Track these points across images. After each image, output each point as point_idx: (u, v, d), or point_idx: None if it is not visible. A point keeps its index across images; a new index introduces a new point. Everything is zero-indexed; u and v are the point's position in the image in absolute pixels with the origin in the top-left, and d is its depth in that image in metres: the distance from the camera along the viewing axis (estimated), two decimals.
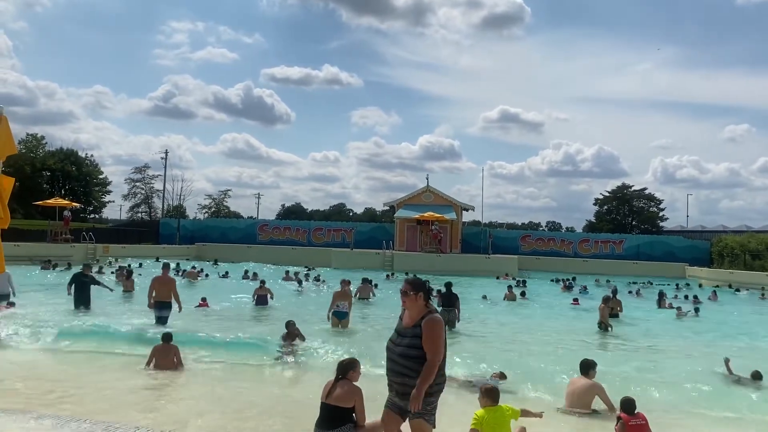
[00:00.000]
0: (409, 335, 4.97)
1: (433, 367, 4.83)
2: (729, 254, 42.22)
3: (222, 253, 43.81)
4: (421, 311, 5.01)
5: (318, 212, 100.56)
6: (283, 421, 7.30)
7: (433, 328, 4.91)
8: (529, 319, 18.92)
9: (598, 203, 71.82)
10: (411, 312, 5.08)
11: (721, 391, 9.94)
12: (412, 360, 4.89)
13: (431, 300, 5.23)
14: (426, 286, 5.14)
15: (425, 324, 4.92)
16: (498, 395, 6.22)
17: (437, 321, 4.95)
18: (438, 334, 4.91)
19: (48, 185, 63.41)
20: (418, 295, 5.03)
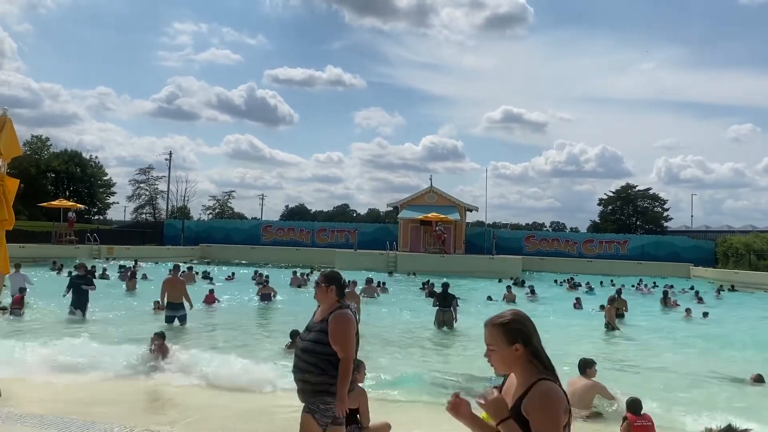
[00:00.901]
0: (315, 330, 4.69)
1: (347, 365, 4.55)
2: (734, 254, 42.08)
3: (226, 254, 43.94)
4: (331, 305, 4.70)
5: (321, 213, 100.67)
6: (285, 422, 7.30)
7: (340, 323, 4.60)
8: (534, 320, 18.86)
9: (602, 203, 71.71)
10: (322, 306, 4.80)
11: (724, 393, 9.92)
12: (314, 355, 4.59)
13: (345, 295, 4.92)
14: (340, 279, 4.84)
15: (332, 319, 4.62)
16: None
17: (346, 316, 4.64)
18: (346, 329, 4.60)
19: (52, 187, 63.63)
20: (330, 288, 4.72)
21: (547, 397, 2.56)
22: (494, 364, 2.75)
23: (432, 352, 13.16)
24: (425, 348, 13.50)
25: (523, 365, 2.68)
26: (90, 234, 38.88)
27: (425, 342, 14.21)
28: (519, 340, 2.68)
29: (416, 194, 47.25)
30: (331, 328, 4.57)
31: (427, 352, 12.97)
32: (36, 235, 37.36)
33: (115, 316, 15.57)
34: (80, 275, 15.50)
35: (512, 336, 2.68)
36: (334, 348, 4.55)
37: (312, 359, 4.59)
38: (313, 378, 4.59)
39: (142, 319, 15.28)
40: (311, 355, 4.60)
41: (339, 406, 4.56)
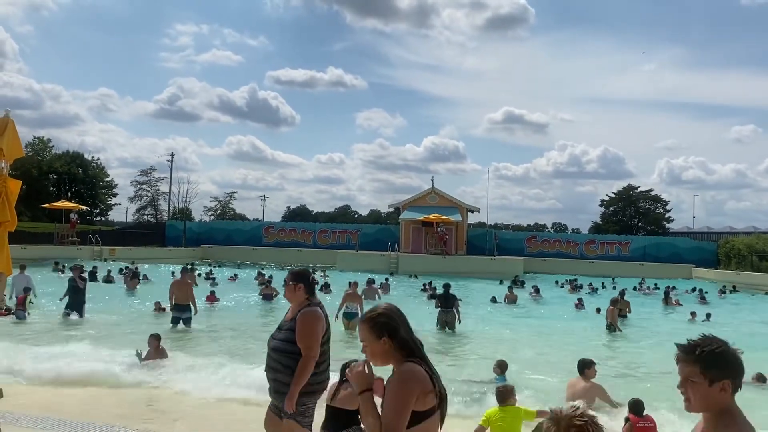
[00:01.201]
0: (285, 328, 4.65)
1: (307, 363, 4.46)
2: (736, 255, 42.01)
3: (228, 255, 43.95)
4: (300, 304, 4.66)
5: (323, 214, 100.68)
6: None
7: (306, 320, 4.54)
8: (535, 321, 18.86)
9: (604, 204, 71.63)
10: (292, 304, 4.76)
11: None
12: (283, 355, 4.54)
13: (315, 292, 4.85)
14: (309, 277, 4.79)
15: (300, 316, 4.56)
16: (503, 396, 6.21)
17: (313, 314, 4.58)
18: (312, 327, 4.53)
19: (54, 188, 63.74)
20: (298, 286, 4.67)
21: (401, 375, 2.70)
22: (370, 358, 2.82)
23: (434, 354, 13.14)
24: (427, 350, 13.47)
25: (395, 356, 2.78)
26: (92, 235, 38.92)
27: (427, 344, 14.19)
28: (385, 333, 2.78)
29: (418, 195, 47.22)
30: (298, 326, 4.52)
31: (429, 355, 12.95)
32: (38, 236, 37.42)
33: (115, 318, 15.59)
34: (74, 278, 15.49)
35: (379, 330, 2.78)
36: (299, 345, 4.48)
37: (283, 359, 4.53)
38: (284, 378, 4.53)
39: (143, 321, 15.31)
40: (282, 355, 4.55)
41: (288, 402, 4.45)
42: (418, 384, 2.68)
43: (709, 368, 2.28)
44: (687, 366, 2.35)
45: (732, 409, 2.32)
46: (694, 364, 2.31)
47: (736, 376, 2.30)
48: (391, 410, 2.63)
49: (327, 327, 4.71)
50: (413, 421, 2.64)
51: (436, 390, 2.72)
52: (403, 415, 2.61)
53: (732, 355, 2.31)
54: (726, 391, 2.28)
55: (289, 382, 4.47)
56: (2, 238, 5.77)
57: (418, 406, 2.66)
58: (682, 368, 2.37)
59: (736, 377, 2.30)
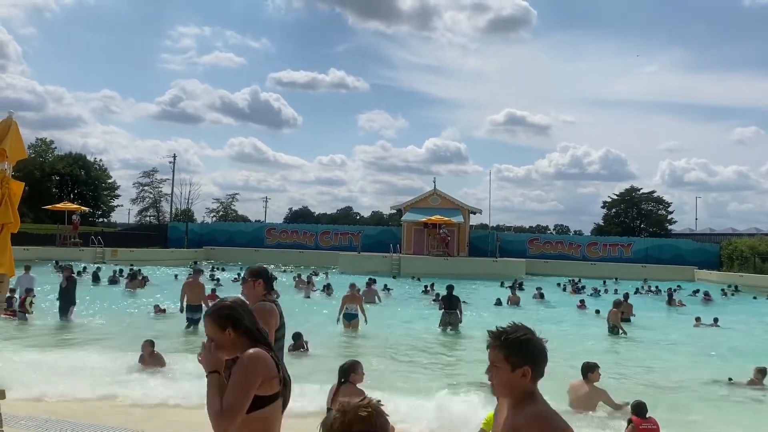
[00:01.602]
0: None
1: None
2: (738, 257, 41.94)
3: (230, 256, 43.95)
4: (257, 300, 4.63)
5: (325, 216, 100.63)
6: None
7: (259, 314, 4.35)
8: (538, 324, 18.81)
9: (606, 206, 71.50)
10: (249, 300, 4.65)
11: (729, 396, 9.88)
12: None
13: (274, 289, 4.83)
14: (267, 273, 4.77)
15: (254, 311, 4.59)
16: None
17: (267, 309, 4.55)
18: (265, 322, 4.39)
19: (57, 189, 63.79)
20: (257, 282, 4.65)
21: (245, 359, 2.78)
22: (217, 350, 2.88)
23: (437, 355, 13.13)
24: (429, 351, 13.46)
25: (241, 346, 2.85)
26: (94, 237, 38.97)
27: (430, 345, 14.17)
28: (229, 324, 2.85)
29: (420, 197, 47.22)
30: None
31: (431, 355, 12.94)
32: (40, 237, 37.49)
33: (113, 320, 15.57)
34: (65, 278, 15.38)
35: (223, 321, 2.85)
36: None
37: None
38: None
39: (140, 323, 15.30)
40: None
41: None
42: (262, 369, 2.76)
43: (511, 355, 2.42)
44: (493, 351, 2.49)
45: (534, 394, 2.46)
46: (499, 350, 2.46)
47: (537, 364, 2.44)
48: (233, 392, 2.71)
49: (281, 324, 4.68)
50: (257, 405, 2.74)
51: (280, 376, 2.81)
52: (245, 398, 2.71)
53: (535, 344, 2.46)
54: (526, 377, 2.42)
55: None
56: (5, 240, 5.78)
57: (261, 391, 2.75)
58: (489, 354, 2.50)
59: (537, 365, 2.44)
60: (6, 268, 5.78)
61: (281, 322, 4.69)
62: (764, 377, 10.46)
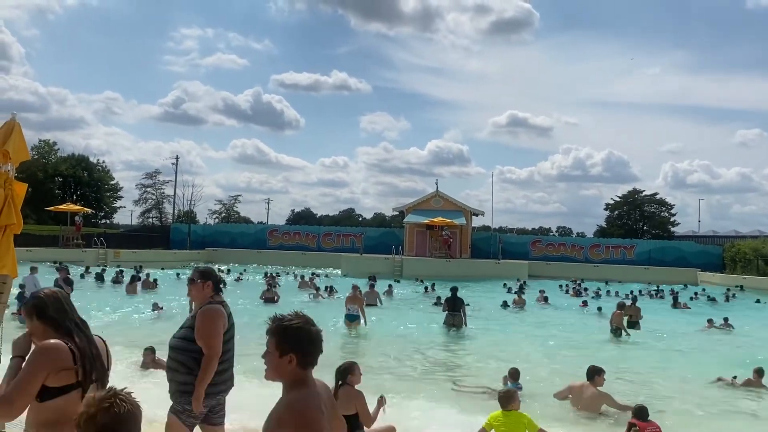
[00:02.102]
0: (185, 326, 4.50)
1: (210, 361, 4.29)
2: (742, 259, 41.83)
3: (232, 258, 43.98)
4: (204, 301, 4.51)
5: (327, 217, 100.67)
6: None
7: (206, 317, 4.38)
8: (541, 326, 18.81)
9: (609, 208, 71.42)
10: (196, 303, 4.62)
11: (728, 397, 9.87)
12: (181, 353, 4.39)
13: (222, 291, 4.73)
14: (216, 274, 4.66)
15: (199, 313, 4.42)
16: (505, 400, 6.21)
17: (214, 311, 4.42)
18: (211, 324, 4.37)
19: (60, 191, 63.95)
20: (206, 284, 4.52)
21: (36, 350, 2.92)
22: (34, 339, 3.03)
23: (440, 356, 13.11)
24: (432, 352, 13.45)
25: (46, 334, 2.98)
26: (97, 238, 39.01)
27: (434, 346, 14.14)
28: (34, 313, 3.03)
29: (422, 198, 47.21)
30: (197, 323, 4.38)
31: (434, 359, 12.92)
32: (43, 238, 37.57)
33: (117, 321, 15.58)
34: (62, 278, 15.25)
35: (29, 310, 3.05)
36: (198, 343, 4.33)
37: (179, 357, 4.40)
38: (179, 377, 4.38)
39: (139, 324, 15.31)
40: (179, 353, 4.42)
41: (194, 403, 4.30)
42: (50, 360, 2.85)
43: (280, 341, 2.53)
44: (268, 337, 2.59)
45: (302, 380, 2.55)
46: (271, 336, 2.57)
47: (305, 352, 2.54)
48: (16, 382, 2.83)
49: (230, 325, 4.58)
50: (50, 395, 2.84)
51: (77, 367, 2.89)
52: (26, 388, 2.82)
53: (306, 333, 2.55)
54: (292, 363, 2.51)
55: (185, 381, 4.34)
56: (8, 241, 5.79)
57: (53, 382, 2.84)
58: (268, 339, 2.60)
59: (305, 353, 2.54)
60: (9, 269, 5.78)
61: (230, 323, 4.58)
62: (762, 377, 10.49)
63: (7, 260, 5.73)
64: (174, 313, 16.37)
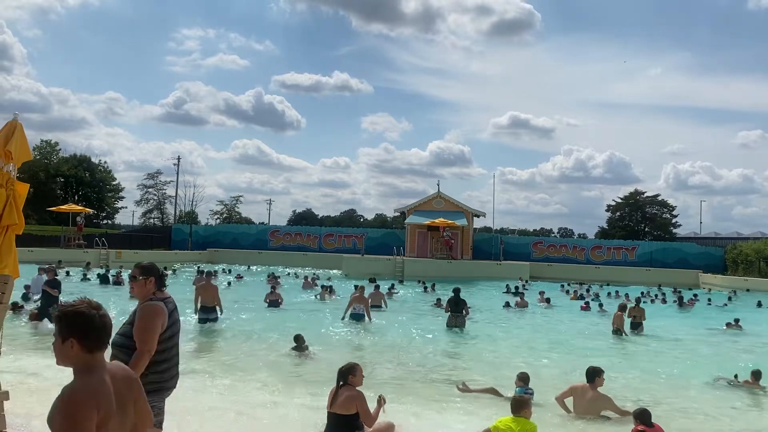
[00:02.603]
0: (127, 322, 4.44)
1: (140, 358, 4.21)
2: (743, 261, 41.76)
3: (234, 258, 44.02)
4: (146, 298, 4.46)
5: (329, 218, 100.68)
6: None
7: (144, 314, 4.34)
8: (543, 328, 18.77)
9: (611, 209, 71.41)
10: (139, 299, 4.55)
11: (727, 398, 9.85)
12: (120, 350, 4.33)
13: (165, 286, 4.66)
14: (159, 271, 4.60)
15: (139, 309, 4.38)
16: (518, 406, 6.10)
17: (153, 307, 4.37)
18: (149, 320, 4.31)
19: (62, 191, 64.05)
20: (149, 280, 4.47)
21: None
22: None
23: (444, 357, 13.08)
24: (435, 353, 13.41)
25: None
26: (98, 238, 39.04)
27: (437, 347, 14.11)
28: None
29: (423, 199, 47.20)
30: (136, 319, 4.36)
31: (436, 361, 12.89)
32: (45, 239, 37.61)
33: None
34: (48, 280, 14.90)
35: None
36: (134, 339, 4.28)
37: (122, 355, 4.32)
38: None
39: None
40: (120, 350, 4.36)
41: None
42: None
43: (62, 327, 2.57)
44: None
45: (88, 365, 2.56)
46: (56, 323, 2.60)
47: (85, 337, 2.55)
48: None
49: (173, 322, 4.51)
50: None
51: None
52: None
53: (86, 318, 2.56)
54: (74, 347, 2.54)
55: None
56: (10, 241, 5.78)
57: None
58: None
59: (85, 337, 2.55)
60: (10, 269, 5.77)
61: (172, 320, 4.51)
62: (759, 379, 10.50)
63: (9, 260, 5.72)
64: None
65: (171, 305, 4.53)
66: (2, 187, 5.63)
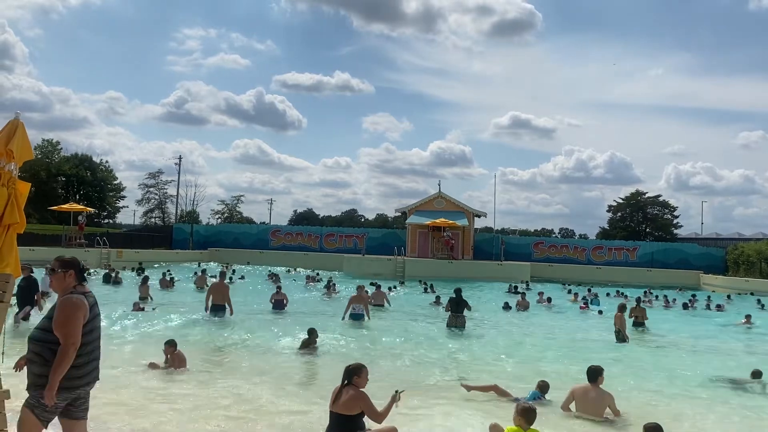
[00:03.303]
0: (47, 316, 4.36)
1: (66, 352, 4.14)
2: (745, 262, 41.70)
3: (235, 258, 44.05)
4: (66, 292, 4.35)
5: (330, 218, 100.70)
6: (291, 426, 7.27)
7: (65, 307, 4.26)
8: (545, 329, 18.75)
9: (612, 210, 71.30)
10: (58, 293, 4.46)
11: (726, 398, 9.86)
12: (38, 344, 4.25)
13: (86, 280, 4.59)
14: (79, 264, 4.47)
15: (58, 303, 4.29)
16: (532, 417, 5.94)
17: (73, 301, 4.28)
18: (70, 315, 4.22)
19: (63, 190, 64.11)
20: (68, 273, 4.34)
21: None
22: None
23: (445, 358, 13.07)
24: (436, 357, 13.40)
25: None
26: (99, 237, 39.05)
27: (439, 348, 14.09)
28: None
29: (424, 200, 47.22)
30: (56, 313, 4.27)
31: (437, 361, 12.88)
32: (46, 238, 37.61)
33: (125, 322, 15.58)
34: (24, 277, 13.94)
35: None
36: (56, 333, 4.20)
37: (37, 348, 4.27)
38: (35, 369, 4.25)
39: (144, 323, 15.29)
40: (36, 344, 4.29)
41: (47, 394, 4.15)
42: None
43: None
44: None
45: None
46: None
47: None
48: None
49: (94, 317, 4.44)
50: None
51: None
52: None
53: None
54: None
55: (41, 373, 4.21)
56: (11, 240, 5.78)
57: None
58: None
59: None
60: (12, 268, 5.78)
61: (93, 314, 4.43)
62: (758, 379, 10.50)
63: (10, 259, 5.72)
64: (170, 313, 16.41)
65: (91, 299, 4.46)
66: (4, 186, 5.64)
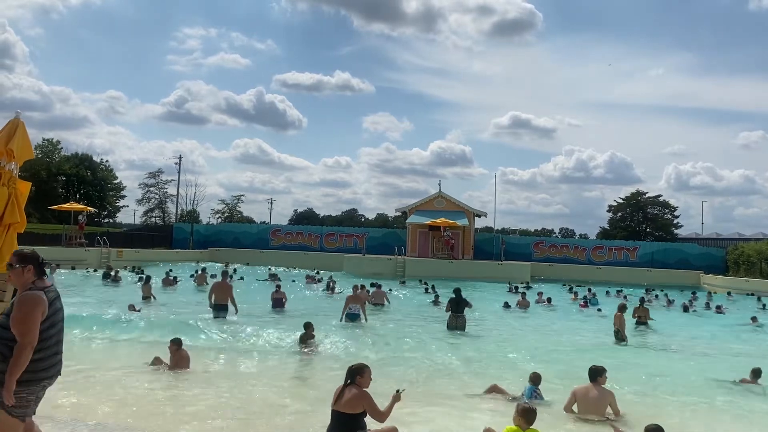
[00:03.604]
0: (5, 313, 4.28)
1: (22, 350, 4.10)
2: (745, 262, 41.69)
3: (235, 257, 44.03)
4: (25, 287, 4.26)
5: (330, 218, 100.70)
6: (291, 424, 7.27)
7: (22, 304, 4.17)
8: (543, 327, 18.78)
9: (612, 210, 71.28)
10: (17, 288, 4.38)
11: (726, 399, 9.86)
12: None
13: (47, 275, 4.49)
14: (38, 258, 4.34)
15: (16, 300, 4.22)
16: (532, 418, 5.96)
17: (32, 297, 4.20)
18: (28, 311, 4.15)
19: (63, 190, 64.10)
20: (27, 268, 4.23)
21: None
22: None
23: (446, 359, 13.06)
24: (438, 354, 13.40)
25: None
26: (100, 237, 39.04)
27: (440, 348, 14.09)
28: None
29: (425, 199, 47.21)
30: (14, 310, 4.19)
31: (439, 362, 12.88)
32: (46, 237, 37.58)
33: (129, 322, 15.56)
34: None
35: None
36: (13, 331, 4.14)
37: None
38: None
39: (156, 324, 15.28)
40: None
41: (6, 393, 4.11)
42: None
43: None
44: None
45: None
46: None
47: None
48: None
49: (55, 311, 4.36)
50: None
51: None
52: None
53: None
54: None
55: (3, 370, 4.16)
56: (12, 239, 5.79)
57: None
58: None
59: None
60: None
61: (53, 309, 4.36)
62: (757, 378, 10.50)
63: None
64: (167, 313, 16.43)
65: (52, 294, 4.38)
66: (4, 185, 5.64)
